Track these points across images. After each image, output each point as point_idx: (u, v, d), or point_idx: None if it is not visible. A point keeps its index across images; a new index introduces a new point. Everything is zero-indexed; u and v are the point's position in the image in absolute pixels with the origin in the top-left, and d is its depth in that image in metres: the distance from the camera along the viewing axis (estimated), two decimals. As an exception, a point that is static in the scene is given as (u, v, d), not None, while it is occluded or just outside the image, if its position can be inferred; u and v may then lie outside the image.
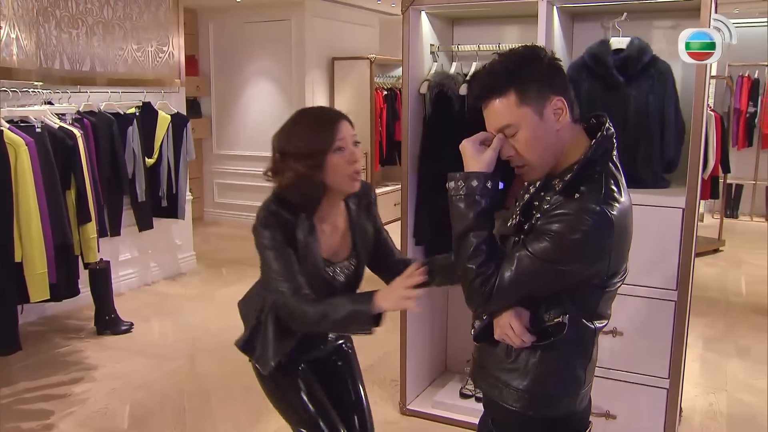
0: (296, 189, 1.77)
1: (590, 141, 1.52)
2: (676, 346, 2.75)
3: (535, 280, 1.46)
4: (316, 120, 1.80)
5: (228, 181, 8.11)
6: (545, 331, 1.53)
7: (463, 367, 3.58)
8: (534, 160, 1.51)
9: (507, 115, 1.47)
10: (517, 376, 1.57)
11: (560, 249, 1.42)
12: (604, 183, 1.46)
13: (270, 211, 1.79)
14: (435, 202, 3.19)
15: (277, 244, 1.78)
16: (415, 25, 3.14)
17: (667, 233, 2.67)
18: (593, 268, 1.47)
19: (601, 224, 1.41)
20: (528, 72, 1.47)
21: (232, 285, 5.62)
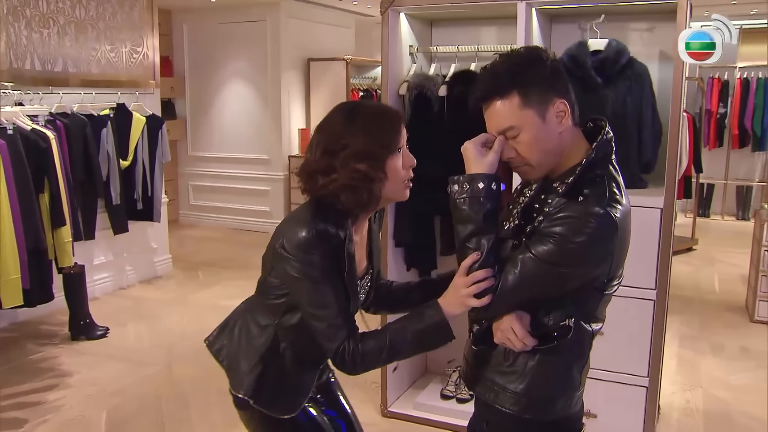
0: (353, 192, 1.54)
1: (589, 144, 1.52)
2: (655, 344, 2.79)
3: (539, 283, 1.45)
4: (380, 117, 1.60)
5: (203, 183, 8.04)
6: (547, 334, 1.52)
7: (443, 368, 3.59)
8: (535, 162, 1.49)
9: (510, 117, 1.46)
10: (515, 380, 1.56)
11: (565, 251, 1.41)
12: (607, 185, 1.45)
13: (319, 230, 1.53)
14: (415, 203, 3.19)
15: (328, 274, 1.54)
16: (394, 26, 3.14)
17: (646, 233, 2.70)
18: (597, 270, 1.46)
19: (605, 227, 1.41)
20: (531, 74, 1.45)
21: (209, 288, 5.57)
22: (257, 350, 1.70)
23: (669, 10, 2.68)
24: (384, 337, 1.55)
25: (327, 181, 1.55)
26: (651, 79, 2.90)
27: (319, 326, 1.55)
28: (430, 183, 3.10)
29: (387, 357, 1.56)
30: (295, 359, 1.72)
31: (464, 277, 1.49)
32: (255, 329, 1.72)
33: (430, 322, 1.54)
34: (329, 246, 1.54)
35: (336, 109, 1.63)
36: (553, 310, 1.52)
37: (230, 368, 1.75)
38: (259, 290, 1.74)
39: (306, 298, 1.56)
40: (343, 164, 1.54)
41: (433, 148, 3.00)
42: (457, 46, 3.25)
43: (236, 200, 7.84)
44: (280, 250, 1.55)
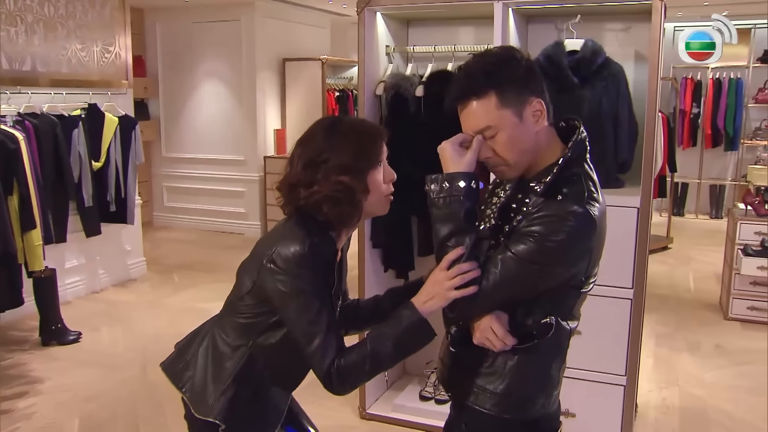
0: (335, 204, 1.53)
1: (563, 144, 1.53)
2: (633, 343, 2.81)
3: (520, 282, 1.45)
4: (361, 132, 1.60)
5: (177, 184, 7.95)
6: (527, 333, 1.52)
7: (422, 369, 3.59)
8: (512, 161, 1.50)
9: (487, 117, 1.46)
10: (494, 380, 1.56)
11: (545, 250, 1.41)
12: (584, 184, 1.46)
13: (314, 244, 1.50)
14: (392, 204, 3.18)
15: (320, 289, 1.52)
16: (371, 25, 3.13)
17: (623, 232, 2.72)
18: (576, 268, 1.47)
19: (584, 224, 1.42)
20: (507, 73, 1.46)
21: (184, 291, 5.51)
22: (228, 372, 1.63)
23: (644, 11, 2.71)
24: (364, 347, 1.51)
25: (309, 193, 1.54)
26: (627, 79, 2.92)
27: (310, 345, 1.50)
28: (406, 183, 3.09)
29: (371, 368, 1.51)
30: (273, 380, 1.68)
31: (445, 271, 1.47)
32: (225, 349, 1.65)
33: (408, 323, 1.51)
34: (323, 260, 1.53)
35: (318, 124, 1.63)
36: (532, 308, 1.52)
37: (194, 393, 1.66)
38: (228, 308, 1.68)
39: (297, 315, 1.51)
40: (325, 176, 1.53)
41: (410, 148, 3.00)
42: (434, 46, 3.25)
43: (211, 202, 7.78)
44: (269, 266, 1.51)
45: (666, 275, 5.97)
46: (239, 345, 1.64)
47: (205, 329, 1.75)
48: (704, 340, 4.44)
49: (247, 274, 1.61)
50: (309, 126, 1.64)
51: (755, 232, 4.64)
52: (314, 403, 2.07)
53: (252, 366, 1.64)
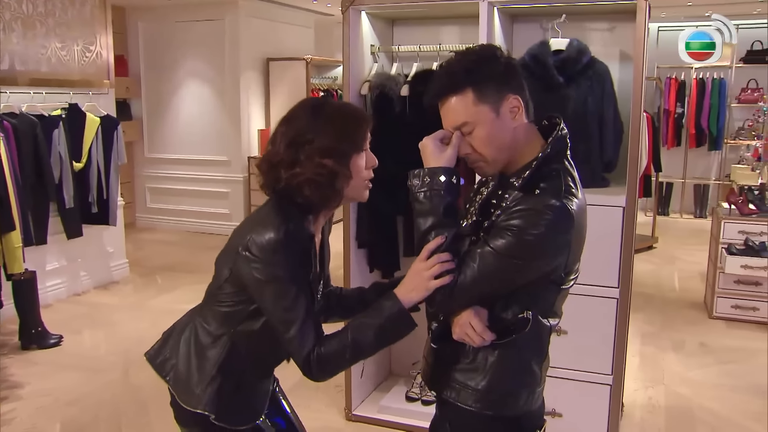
0: (317, 187, 1.53)
1: (543, 140, 1.56)
2: (619, 342, 2.83)
3: (499, 277, 1.47)
4: (347, 115, 1.60)
5: (161, 185, 7.90)
6: (506, 328, 1.54)
7: (408, 370, 3.59)
8: (490, 157, 1.52)
9: (464, 113, 1.49)
10: (476, 376, 1.57)
11: (523, 244, 1.42)
12: (562, 179, 1.49)
13: (289, 231, 1.49)
14: (378, 204, 3.18)
15: (297, 276, 1.51)
16: (356, 25, 3.13)
17: (608, 232, 2.74)
18: (554, 263, 1.49)
19: (562, 218, 1.44)
20: (485, 71, 1.48)
21: (168, 293, 5.48)
22: (213, 361, 1.64)
23: (629, 11, 2.73)
24: (345, 336, 1.52)
25: (290, 175, 1.53)
26: (612, 79, 2.94)
27: (288, 332, 1.50)
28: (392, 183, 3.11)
29: (351, 357, 1.53)
30: (255, 367, 1.69)
31: (425, 261, 1.49)
32: (207, 339, 1.65)
33: (389, 313, 1.52)
34: (299, 247, 1.52)
35: (303, 103, 1.62)
36: (510, 303, 1.54)
37: (179, 383, 1.67)
38: (209, 298, 1.68)
39: (274, 302, 1.51)
40: (308, 158, 1.52)
41: (394, 148, 3.00)
42: (418, 45, 3.25)
43: (195, 203, 7.73)
44: (244, 253, 1.51)
45: (651, 274, 6.02)
46: (221, 334, 1.64)
47: (187, 319, 1.75)
48: (689, 338, 4.47)
49: (224, 262, 1.62)
50: (294, 107, 1.62)
51: (739, 231, 4.69)
52: (299, 405, 2.06)
53: (235, 354, 1.64)
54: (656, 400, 3.59)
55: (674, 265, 6.40)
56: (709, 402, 3.57)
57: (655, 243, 7.13)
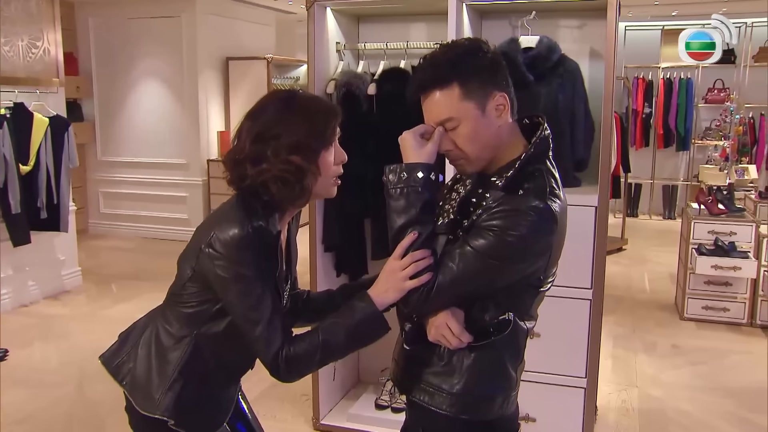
0: (284, 184, 1.51)
1: (525, 140, 1.56)
2: (593, 345, 2.86)
3: (478, 278, 1.46)
4: (315, 109, 1.57)
5: (115, 189, 7.78)
6: (484, 330, 1.53)
7: (377, 377, 3.58)
8: (473, 155, 1.52)
9: (449, 109, 1.47)
10: (450, 379, 1.56)
11: (504, 245, 1.42)
12: (546, 180, 1.49)
13: (255, 227, 1.48)
14: (345, 205, 3.18)
15: (263, 274, 1.50)
16: (321, 21, 3.11)
17: (581, 232, 2.77)
18: (535, 265, 1.49)
19: (545, 220, 1.44)
20: (472, 65, 1.47)
21: (125, 302, 5.38)
22: (174, 364, 1.61)
23: (599, 8, 2.77)
24: (316, 337, 1.51)
25: (256, 171, 1.51)
26: (582, 77, 2.98)
27: (254, 331, 1.49)
28: (359, 184, 3.11)
29: (321, 358, 1.52)
30: (219, 370, 1.67)
31: (399, 260, 1.48)
32: (169, 341, 1.63)
33: (362, 315, 1.51)
34: (264, 243, 1.51)
35: (270, 96, 1.61)
36: (488, 305, 1.53)
37: (136, 387, 1.64)
38: (171, 298, 1.66)
39: (239, 301, 1.49)
40: (275, 154, 1.50)
41: (362, 148, 3.00)
42: (385, 43, 3.25)
43: (152, 208, 7.62)
44: (207, 251, 1.49)
45: (621, 276, 6.12)
46: (183, 335, 1.61)
47: (147, 320, 1.72)
48: (661, 340, 4.56)
49: (186, 261, 1.59)
50: (262, 99, 1.60)
51: (709, 231, 4.80)
52: (265, 415, 2.05)
53: (198, 356, 1.62)
54: (630, 402, 3.64)
55: (644, 267, 6.52)
56: (682, 404, 3.64)
57: (625, 244, 7.26)
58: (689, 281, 4.84)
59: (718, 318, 4.82)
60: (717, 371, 4.06)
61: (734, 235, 4.72)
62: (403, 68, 3.19)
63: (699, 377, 3.97)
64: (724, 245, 4.63)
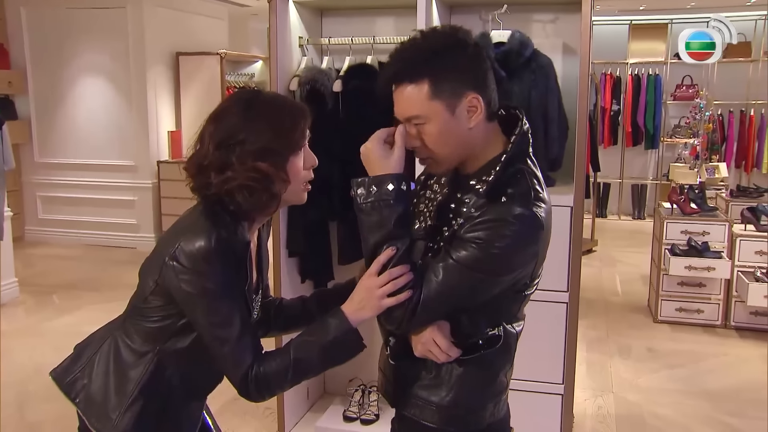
0: (251, 193, 1.49)
1: (504, 137, 1.56)
2: (569, 349, 2.93)
3: (463, 292, 1.47)
4: (282, 111, 1.55)
5: (55, 193, 7.64)
6: (472, 344, 1.55)
7: (344, 388, 3.59)
8: (440, 156, 1.51)
9: (417, 106, 1.47)
10: (439, 392, 1.58)
11: (490, 257, 1.42)
12: (529, 183, 1.49)
13: (221, 239, 1.46)
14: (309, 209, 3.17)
15: (230, 288, 1.49)
16: (283, 15, 3.11)
17: (556, 233, 2.76)
18: (522, 273, 1.50)
19: (531, 228, 1.45)
20: (447, 61, 1.46)
21: (69, 314, 5.28)
22: (134, 382, 1.58)
23: (572, 1, 2.83)
24: (287, 355, 1.50)
25: (221, 180, 1.49)
26: (556, 72, 3.04)
27: (221, 350, 1.48)
28: (324, 186, 3.11)
29: (293, 377, 1.52)
30: (184, 388, 1.64)
31: (376, 277, 1.47)
32: (129, 357, 1.60)
33: (337, 333, 1.50)
34: (233, 255, 1.50)
35: (234, 98, 1.59)
36: (476, 317, 1.55)
37: (91, 406, 1.61)
38: (132, 312, 1.63)
39: (206, 317, 1.48)
40: (240, 161, 1.49)
41: (328, 147, 3.00)
42: (351, 37, 3.27)
43: (96, 213, 7.50)
44: (171, 263, 1.47)
45: (592, 278, 6.24)
46: (145, 351, 1.59)
47: (105, 333, 1.69)
48: (635, 343, 4.67)
49: (149, 273, 1.57)
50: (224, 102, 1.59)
51: (681, 231, 4.93)
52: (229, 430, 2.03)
53: (160, 374, 1.60)
54: (606, 408, 3.73)
55: (615, 268, 6.66)
56: (659, 408, 3.73)
57: (595, 246, 7.40)
58: (662, 283, 4.97)
59: (692, 320, 4.96)
60: (694, 374, 4.17)
61: (707, 235, 4.86)
62: (370, 64, 3.21)
63: (676, 381, 4.08)
64: (697, 245, 4.77)
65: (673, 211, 5.10)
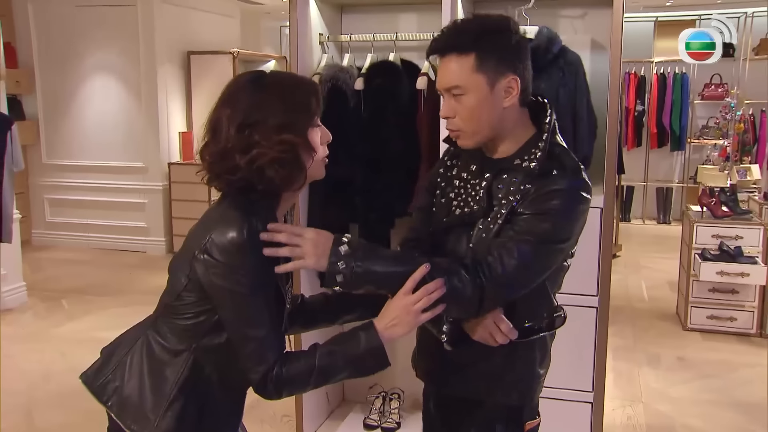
0: (282, 166, 1.52)
1: (533, 125, 1.69)
2: (599, 356, 2.92)
3: (538, 265, 1.59)
4: (291, 85, 1.60)
5: (63, 196, 7.70)
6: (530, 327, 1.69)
7: (364, 395, 3.59)
8: (471, 129, 1.64)
9: (459, 77, 1.60)
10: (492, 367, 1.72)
11: (557, 226, 1.57)
12: (572, 156, 1.64)
13: (254, 229, 1.49)
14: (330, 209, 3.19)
15: (263, 283, 1.52)
16: (303, 11, 3.13)
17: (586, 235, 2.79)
18: (577, 240, 1.65)
19: (584, 194, 1.60)
20: (494, 41, 1.60)
21: (78, 319, 5.32)
22: (172, 381, 1.60)
23: (602, -5, 2.83)
24: (313, 360, 1.53)
25: (248, 160, 1.51)
26: (584, 70, 3.04)
27: (247, 347, 1.51)
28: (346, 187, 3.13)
29: (315, 382, 1.54)
30: (224, 386, 1.66)
31: (411, 295, 1.53)
32: (164, 356, 1.61)
33: (367, 347, 1.54)
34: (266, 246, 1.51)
35: (240, 81, 1.60)
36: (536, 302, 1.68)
37: (126, 408, 1.61)
38: (164, 310, 1.65)
39: (235, 313, 1.51)
40: (265, 138, 1.52)
41: (349, 148, 3.01)
42: (372, 34, 3.28)
43: (106, 216, 7.56)
44: (201, 257, 1.49)
45: (618, 285, 6.21)
46: (181, 350, 1.61)
47: (136, 334, 1.71)
48: (664, 352, 4.65)
49: (179, 269, 1.59)
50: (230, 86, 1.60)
51: (713, 235, 4.91)
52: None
53: (198, 372, 1.62)
54: (636, 419, 3.71)
55: (640, 274, 6.64)
56: (691, 420, 3.71)
57: (619, 251, 7.37)
58: (692, 289, 4.94)
59: (724, 328, 4.93)
60: (728, 385, 4.14)
61: (740, 239, 4.83)
62: (393, 61, 3.22)
63: (708, 391, 4.05)
64: (730, 250, 4.74)
65: (703, 214, 5.07)
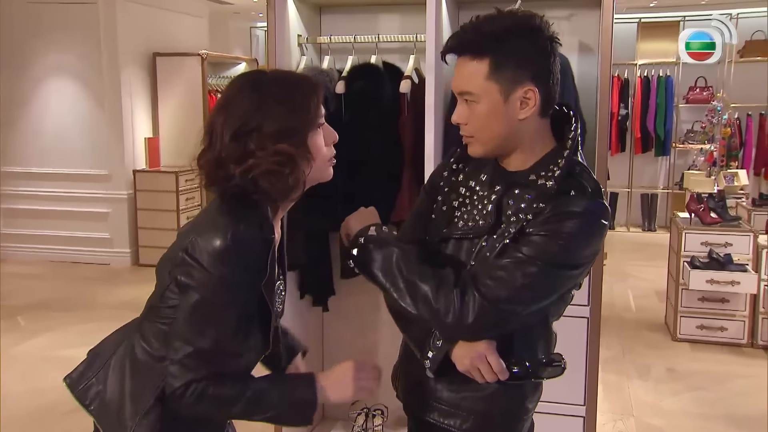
0: (277, 177, 1.52)
1: (553, 139, 1.61)
2: (591, 368, 2.96)
3: (540, 289, 1.51)
4: (291, 87, 1.58)
5: (17, 205, 7.61)
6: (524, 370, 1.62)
7: (345, 413, 3.59)
8: (482, 138, 1.58)
9: (472, 82, 1.53)
10: (475, 401, 1.65)
11: (567, 249, 1.48)
12: (592, 176, 1.56)
13: (238, 238, 1.49)
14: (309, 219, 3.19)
15: (235, 297, 1.52)
16: (281, 12, 3.14)
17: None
18: (590, 266, 1.57)
19: (602, 218, 1.52)
20: (513, 45, 1.51)
21: (37, 337, 5.25)
22: (151, 388, 1.59)
23: (590, -4, 2.89)
24: (244, 391, 1.54)
25: (243, 170, 1.52)
26: (573, 72, 3.09)
27: (181, 351, 1.50)
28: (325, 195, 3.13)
29: (238, 413, 1.56)
30: None
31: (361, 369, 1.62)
32: (147, 361, 1.62)
33: (302, 397, 1.58)
34: (250, 257, 1.52)
35: (239, 83, 1.61)
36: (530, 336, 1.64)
37: (105, 413, 1.63)
38: (149, 312, 1.66)
39: (189, 312, 1.50)
40: (260, 147, 1.52)
41: (330, 152, 3.03)
42: (353, 36, 3.30)
43: (66, 226, 7.49)
44: (183, 255, 1.51)
45: (604, 294, 6.18)
46: (163, 356, 1.59)
47: (120, 337, 1.72)
48: (654, 363, 4.71)
49: (165, 269, 1.60)
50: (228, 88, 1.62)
51: (702, 242, 4.99)
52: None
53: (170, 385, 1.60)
54: (627, 434, 3.77)
55: (627, 283, 6.72)
56: (684, 433, 3.77)
57: (604, 259, 7.42)
58: (681, 298, 5.02)
59: (714, 338, 5.00)
60: (720, 397, 4.20)
61: (730, 247, 4.91)
62: (375, 64, 3.25)
63: (700, 404, 4.11)
64: (719, 257, 4.82)
65: (691, 221, 5.15)
